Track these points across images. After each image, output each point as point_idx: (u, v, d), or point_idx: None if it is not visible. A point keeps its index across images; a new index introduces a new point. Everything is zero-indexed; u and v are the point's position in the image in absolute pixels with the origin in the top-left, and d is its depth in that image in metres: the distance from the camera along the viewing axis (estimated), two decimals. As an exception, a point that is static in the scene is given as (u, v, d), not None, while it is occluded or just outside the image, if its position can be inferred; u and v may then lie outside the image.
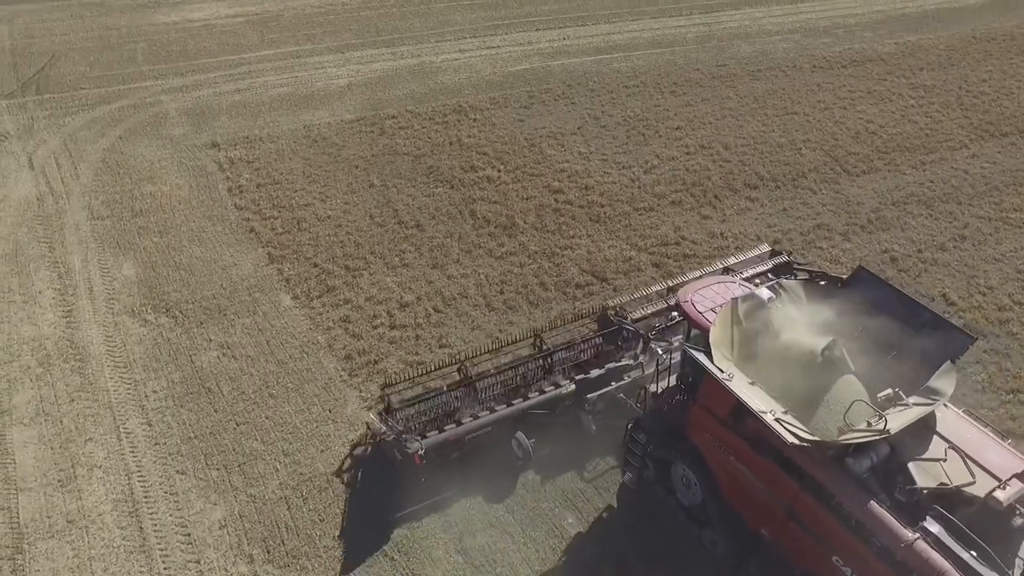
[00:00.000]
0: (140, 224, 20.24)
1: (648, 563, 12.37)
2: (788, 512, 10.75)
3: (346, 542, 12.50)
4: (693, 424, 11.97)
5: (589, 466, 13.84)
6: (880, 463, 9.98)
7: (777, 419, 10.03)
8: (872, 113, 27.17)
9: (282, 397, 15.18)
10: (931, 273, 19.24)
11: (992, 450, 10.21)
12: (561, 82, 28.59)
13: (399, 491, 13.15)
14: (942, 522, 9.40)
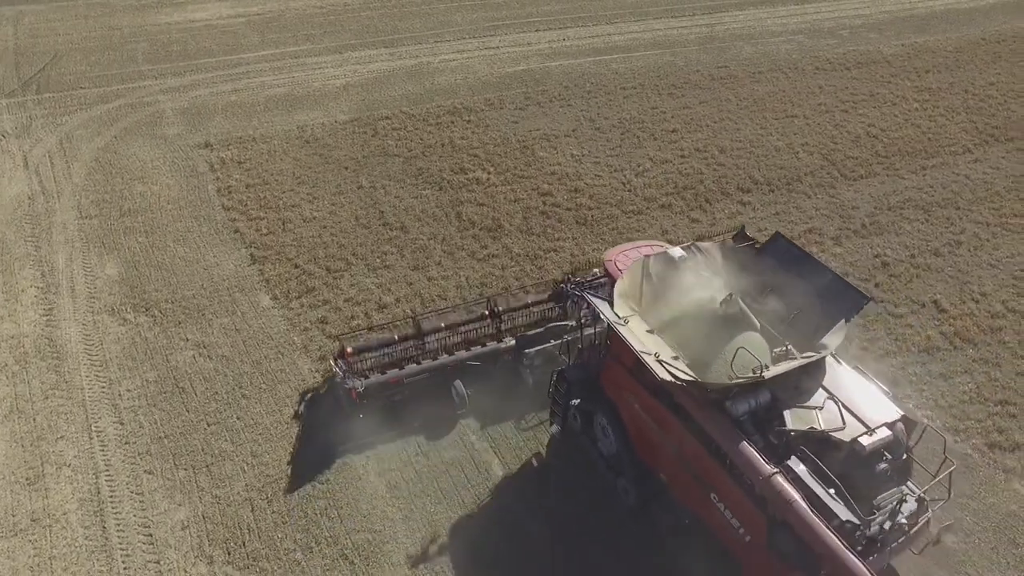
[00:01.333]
0: (127, 224, 20.31)
1: (565, 507, 12.98)
2: (677, 455, 11.44)
3: (294, 465, 13.61)
4: (607, 374, 12.65)
5: (524, 418, 14.67)
6: (760, 408, 10.58)
7: (659, 360, 10.69)
8: (874, 116, 26.72)
9: (255, 398, 15.12)
10: (923, 279, 18.83)
11: (872, 401, 10.74)
12: (558, 83, 28.40)
13: (344, 428, 14.13)
14: (806, 462, 10.01)
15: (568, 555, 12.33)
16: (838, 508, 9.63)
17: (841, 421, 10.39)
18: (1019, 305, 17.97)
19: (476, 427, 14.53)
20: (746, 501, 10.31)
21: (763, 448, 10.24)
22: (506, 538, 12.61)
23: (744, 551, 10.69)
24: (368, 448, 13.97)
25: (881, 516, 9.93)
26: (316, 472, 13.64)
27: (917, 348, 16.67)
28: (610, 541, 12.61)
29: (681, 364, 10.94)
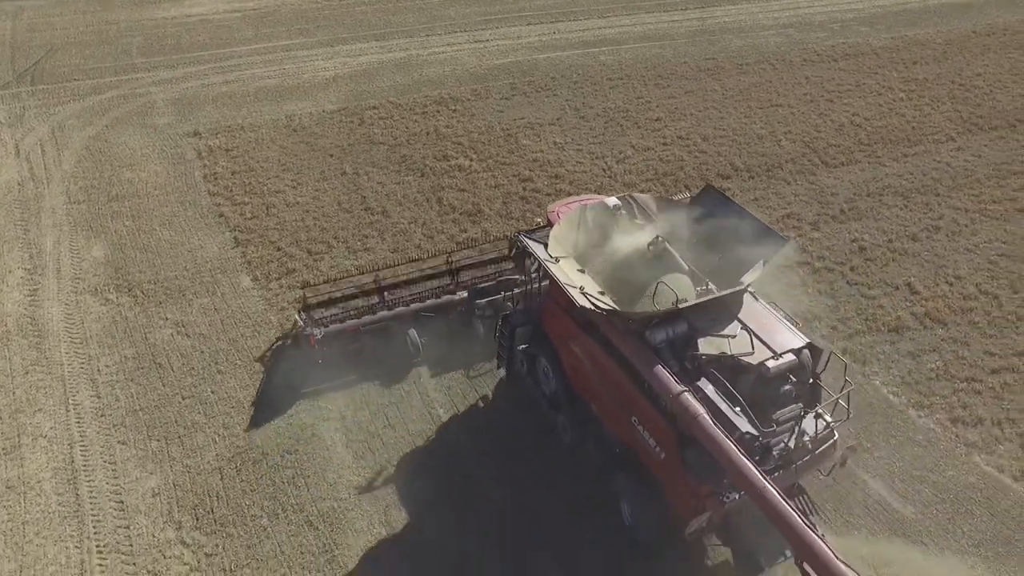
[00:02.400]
0: (114, 208, 20.67)
1: (506, 443, 14.00)
2: (604, 384, 12.24)
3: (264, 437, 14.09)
4: (546, 316, 13.52)
5: (475, 365, 15.53)
6: (677, 338, 11.34)
7: (582, 292, 11.47)
8: (859, 106, 26.85)
9: (229, 373, 15.42)
10: (899, 262, 18.97)
11: (781, 331, 11.44)
12: (545, 75, 28.65)
13: (305, 373, 15.04)
14: (714, 383, 10.78)
15: (512, 495, 13.00)
16: (739, 422, 10.36)
17: (751, 347, 11.05)
18: (992, 287, 18.09)
19: (428, 374, 15.37)
20: (660, 420, 11.07)
21: (678, 372, 10.93)
22: (453, 481, 13.33)
23: (661, 469, 11.44)
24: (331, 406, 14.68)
25: (781, 430, 10.72)
26: (285, 443, 13.93)
27: (887, 328, 16.83)
28: (550, 480, 13.29)
29: (606, 299, 11.71)
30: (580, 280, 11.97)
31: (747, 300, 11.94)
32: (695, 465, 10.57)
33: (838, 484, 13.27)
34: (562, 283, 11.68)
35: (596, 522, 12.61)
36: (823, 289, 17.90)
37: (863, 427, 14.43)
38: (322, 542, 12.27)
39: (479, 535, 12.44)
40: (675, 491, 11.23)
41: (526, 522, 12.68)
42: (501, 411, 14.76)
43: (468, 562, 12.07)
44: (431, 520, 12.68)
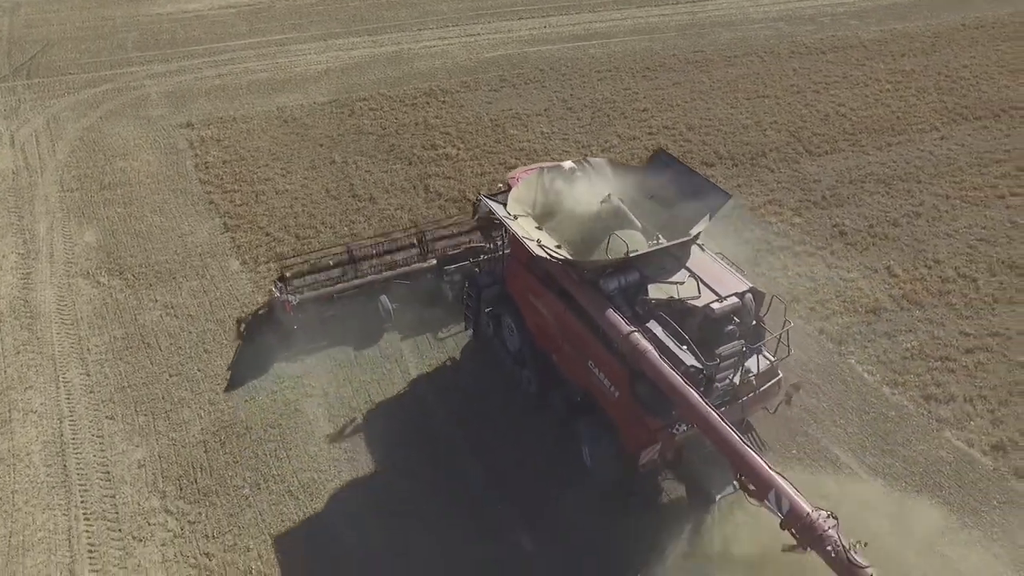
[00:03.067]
0: (107, 196, 21.00)
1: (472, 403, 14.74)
2: (563, 334, 12.98)
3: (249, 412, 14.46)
4: (508, 275, 14.34)
5: (443, 328, 16.30)
6: (629, 286, 12.09)
7: (539, 244, 12.22)
8: (845, 97, 27.13)
9: (216, 352, 15.73)
10: (879, 247, 19.24)
11: (726, 278, 12.21)
12: (534, 67, 28.97)
13: (283, 340, 15.71)
14: (663, 324, 11.52)
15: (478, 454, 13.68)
16: (685, 356, 11.10)
17: (697, 292, 11.83)
18: (970, 271, 18.35)
19: (398, 338, 16.12)
20: (613, 360, 11.78)
21: (629, 316, 11.66)
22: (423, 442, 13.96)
23: (615, 408, 12.17)
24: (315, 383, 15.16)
25: (725, 365, 11.48)
26: (269, 418, 14.23)
27: (864, 309, 17.09)
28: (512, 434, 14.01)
29: (562, 251, 12.43)
30: (537, 235, 12.71)
31: (695, 251, 12.77)
32: (645, 399, 11.35)
33: (809, 458, 13.57)
34: (520, 236, 12.47)
35: (559, 475, 13.27)
36: (803, 272, 18.17)
37: (836, 404, 14.73)
38: (302, 511, 12.56)
39: (448, 495, 12.91)
40: (628, 427, 11.99)
41: (494, 480, 13.19)
42: (468, 371, 15.58)
43: (439, 521, 12.40)
44: (404, 483, 13.13)
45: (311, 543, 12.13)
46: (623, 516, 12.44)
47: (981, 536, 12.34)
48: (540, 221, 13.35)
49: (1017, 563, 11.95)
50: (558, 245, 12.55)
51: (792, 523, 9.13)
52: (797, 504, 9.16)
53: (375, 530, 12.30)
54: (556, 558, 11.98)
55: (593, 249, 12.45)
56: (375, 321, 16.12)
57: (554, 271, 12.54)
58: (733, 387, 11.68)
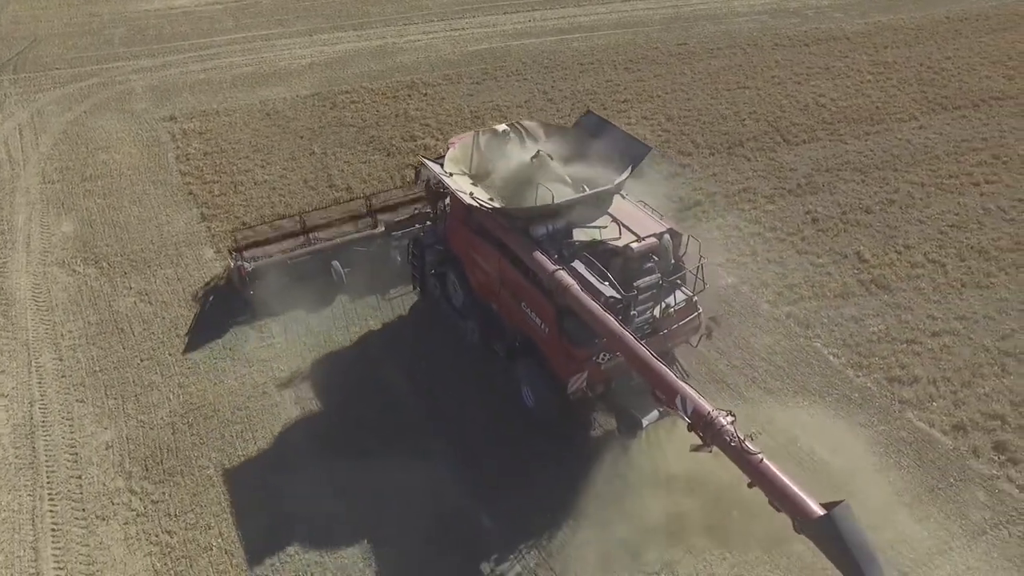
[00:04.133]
0: (87, 188, 21.19)
1: (416, 351, 15.63)
2: (500, 281, 13.81)
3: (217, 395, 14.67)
4: (450, 232, 15.18)
5: (392, 289, 17.13)
6: (557, 232, 12.95)
7: (472, 196, 13.30)
8: (825, 88, 27.25)
9: (188, 339, 15.89)
10: (850, 232, 19.35)
11: (645, 221, 13.22)
12: (517, 60, 29.12)
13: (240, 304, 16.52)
14: (585, 263, 12.47)
15: (430, 407, 14.44)
16: (604, 289, 11.99)
17: (619, 234, 12.82)
18: (940, 256, 18.46)
19: (349, 300, 16.94)
20: (542, 298, 12.65)
21: (556, 259, 12.51)
22: (372, 389, 14.85)
23: (546, 344, 13.01)
24: (266, 316, 16.32)
25: (643, 297, 12.43)
26: (237, 400, 14.39)
27: (833, 294, 17.20)
28: (456, 381, 14.89)
29: (494, 203, 13.41)
30: (472, 190, 13.73)
31: (618, 199, 13.78)
32: (571, 332, 12.31)
33: (771, 438, 13.62)
34: (453, 189, 13.65)
35: (500, 413, 14.22)
36: (772, 257, 18.29)
37: (800, 387, 14.85)
38: (267, 491, 12.73)
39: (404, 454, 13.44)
40: (558, 359, 12.81)
41: (446, 436, 13.88)
42: (415, 327, 16.44)
43: (391, 481, 12.87)
44: (358, 442, 13.70)
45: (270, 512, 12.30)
46: (557, 445, 13.45)
47: (935, 512, 12.46)
48: (476, 180, 14.43)
49: (968, 535, 12.09)
50: (490, 198, 13.57)
51: (696, 423, 10.03)
52: (699, 405, 10.08)
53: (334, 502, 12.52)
54: (493, 488, 12.83)
55: (523, 200, 13.46)
56: (329, 285, 16.89)
57: (488, 223, 13.50)
58: (654, 319, 12.67)
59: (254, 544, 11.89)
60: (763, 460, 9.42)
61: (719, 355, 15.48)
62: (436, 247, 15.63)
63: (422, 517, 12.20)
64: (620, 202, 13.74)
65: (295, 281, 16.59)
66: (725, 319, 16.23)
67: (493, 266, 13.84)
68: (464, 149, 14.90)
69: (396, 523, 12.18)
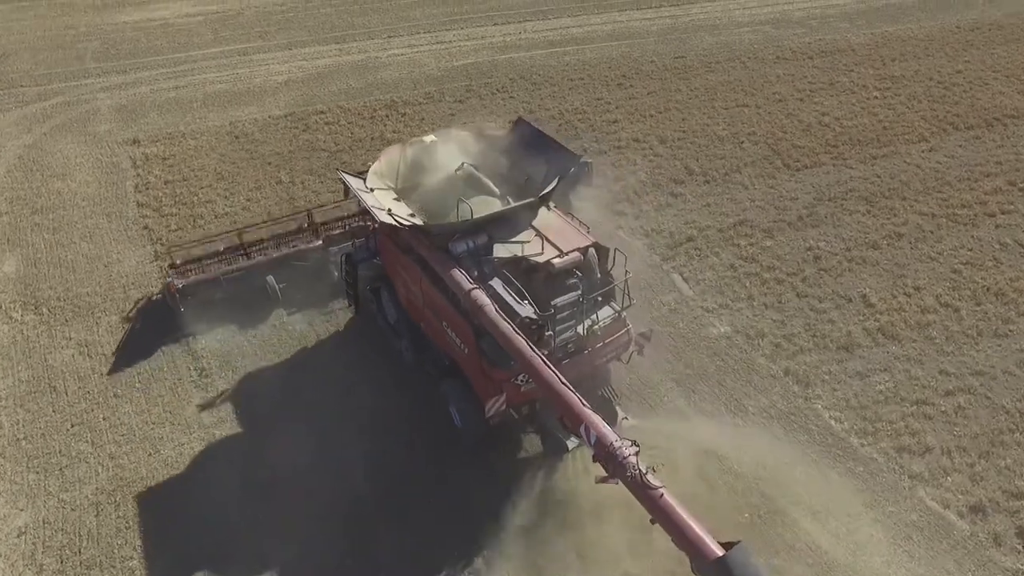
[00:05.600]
0: (36, 220, 19.82)
1: (350, 369, 15.10)
2: (424, 300, 13.30)
3: (150, 468, 13.36)
4: (380, 248, 14.66)
5: (329, 304, 16.69)
6: (479, 248, 12.42)
7: (390, 212, 12.67)
8: (829, 105, 25.70)
9: (126, 397, 14.51)
10: (855, 272, 17.82)
11: (570, 235, 12.59)
12: (504, 76, 27.66)
13: (173, 322, 16.00)
14: (504, 280, 12.02)
15: (362, 430, 13.88)
16: (521, 309, 11.52)
17: (541, 249, 12.25)
18: (953, 299, 16.93)
19: (285, 315, 16.52)
20: (460, 319, 12.15)
21: (477, 277, 11.99)
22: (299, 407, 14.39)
23: (467, 364, 12.56)
24: (198, 335, 15.90)
25: (562, 316, 11.81)
26: (172, 474, 13.00)
27: (836, 345, 15.69)
28: (388, 399, 14.40)
29: (415, 219, 12.88)
30: (394, 206, 13.06)
31: (543, 212, 13.09)
32: (490, 353, 11.83)
33: (765, 524, 12.18)
34: (368, 205, 12.90)
35: (430, 432, 13.84)
36: (770, 302, 16.79)
37: (799, 455, 13.36)
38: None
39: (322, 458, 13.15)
40: (478, 380, 12.35)
41: (378, 460, 13.34)
42: (350, 344, 15.90)
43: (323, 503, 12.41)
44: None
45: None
46: (483, 464, 13.06)
47: (952, 615, 10.98)
48: (402, 194, 13.92)
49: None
50: (412, 214, 13.02)
51: (599, 453, 9.55)
52: (603, 435, 9.52)
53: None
54: (418, 506, 12.54)
55: (448, 215, 12.91)
56: (265, 301, 16.43)
57: (410, 239, 13.01)
58: (579, 338, 12.13)
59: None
60: (664, 496, 8.89)
61: (708, 418, 14.00)
62: (371, 262, 15.11)
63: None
64: (546, 215, 13.08)
65: (229, 298, 16.18)
66: (717, 373, 14.87)
67: (416, 283, 13.38)
68: (389, 162, 14.40)
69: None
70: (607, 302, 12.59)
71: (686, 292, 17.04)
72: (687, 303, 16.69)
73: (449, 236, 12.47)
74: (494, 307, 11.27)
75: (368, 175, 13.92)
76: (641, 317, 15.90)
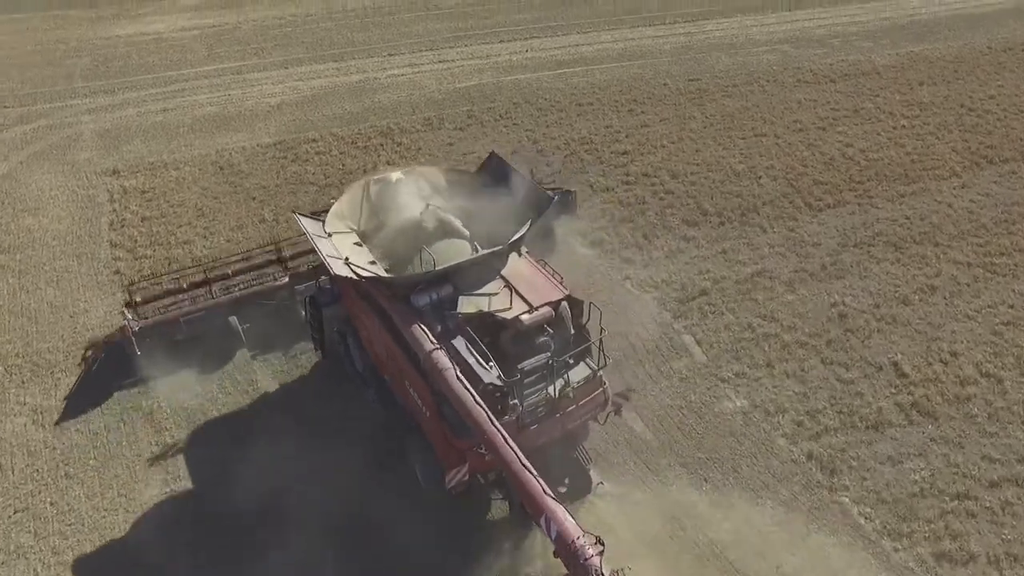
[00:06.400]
0: (2, 262, 18.55)
1: (318, 423, 13.88)
2: (386, 354, 12.36)
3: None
4: (343, 294, 13.64)
5: (295, 347, 15.67)
6: (444, 300, 11.47)
7: (346, 262, 11.63)
8: (853, 135, 24.08)
9: (78, 478, 13.15)
10: (885, 334, 16.22)
11: (541, 287, 11.63)
12: (508, 100, 26.21)
13: (128, 366, 14.94)
14: (468, 339, 11.06)
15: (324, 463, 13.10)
16: (485, 374, 10.55)
17: (509, 303, 11.29)
18: (995, 368, 15.29)
19: (248, 358, 15.54)
20: (420, 379, 11.22)
21: (440, 333, 11.04)
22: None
23: (428, 427, 11.62)
24: (155, 380, 14.89)
25: (530, 380, 10.90)
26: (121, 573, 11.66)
27: (865, 424, 14.09)
28: (353, 454, 13.21)
29: (376, 268, 11.89)
30: (353, 252, 12.08)
31: (513, 258, 12.14)
32: (452, 419, 10.82)
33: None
34: (322, 253, 11.82)
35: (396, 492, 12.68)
36: (791, 370, 15.21)
37: (819, 561, 11.81)
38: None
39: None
40: (440, 447, 11.45)
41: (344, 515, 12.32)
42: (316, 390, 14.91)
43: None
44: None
45: None
46: (446, 524, 12.04)
47: None
48: (364, 237, 12.91)
49: None
50: (373, 261, 12.11)
51: (560, 549, 8.92)
52: (565, 530, 8.89)
53: None
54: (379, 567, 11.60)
55: (410, 262, 12.07)
56: (229, 343, 15.48)
57: (370, 289, 11.98)
58: (549, 400, 11.22)
59: None
60: None
61: (722, 516, 12.47)
62: (332, 306, 14.05)
63: None
64: (516, 262, 12.15)
65: (191, 338, 15.15)
66: (731, 457, 13.35)
67: (377, 335, 12.39)
68: (351, 202, 13.38)
69: None
70: (582, 359, 11.74)
71: (699, 357, 15.51)
72: (700, 371, 15.16)
73: (411, 288, 11.57)
74: (455, 372, 10.37)
75: (328, 217, 12.95)
76: (650, 389, 14.58)
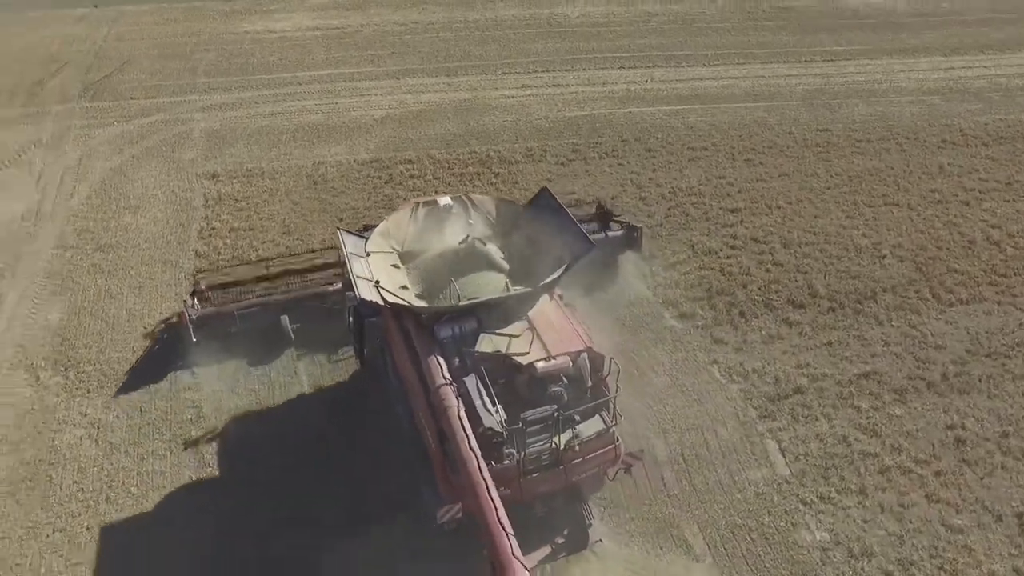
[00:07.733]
0: (96, 261, 19.05)
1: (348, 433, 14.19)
2: (406, 377, 12.25)
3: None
4: (381, 310, 12.91)
5: (341, 351, 15.88)
6: (467, 334, 11.53)
7: (376, 285, 11.77)
8: (1002, 215, 21.20)
9: (117, 503, 13.06)
10: (1011, 472, 13.87)
11: (565, 334, 11.55)
12: (617, 135, 24.83)
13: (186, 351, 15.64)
14: (480, 379, 10.98)
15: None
16: (487, 418, 10.48)
17: (528, 348, 11.23)
18: None
19: (295, 355, 15.95)
20: (429, 412, 11.11)
21: (456, 368, 11.09)
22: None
23: (433, 459, 11.42)
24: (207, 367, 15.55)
25: (533, 430, 10.76)
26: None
27: (970, 588, 12.01)
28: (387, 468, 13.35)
29: (409, 293, 12.06)
30: (388, 274, 12.31)
31: (543, 300, 12.13)
32: (452, 455, 10.59)
33: None
34: (353, 273, 11.79)
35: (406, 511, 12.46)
36: (888, 503, 13.16)
37: None
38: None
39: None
40: (439, 480, 11.34)
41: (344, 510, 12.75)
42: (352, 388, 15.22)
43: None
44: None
45: None
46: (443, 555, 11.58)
47: None
48: (404, 259, 13.10)
49: None
50: (405, 286, 12.21)
51: None
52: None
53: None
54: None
55: (441, 292, 12.06)
56: (278, 340, 15.92)
57: (399, 314, 12.07)
58: (555, 451, 11.00)
59: None
60: None
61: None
62: (375, 318, 13.78)
63: None
64: (546, 306, 12.09)
65: (244, 332, 15.79)
66: None
67: (401, 359, 12.37)
68: (398, 223, 13.52)
69: None
70: (597, 412, 11.48)
71: (781, 470, 13.76)
72: (779, 487, 13.42)
73: (435, 318, 11.66)
74: (458, 411, 10.32)
75: (372, 235, 13.15)
76: (719, 500, 13.03)
